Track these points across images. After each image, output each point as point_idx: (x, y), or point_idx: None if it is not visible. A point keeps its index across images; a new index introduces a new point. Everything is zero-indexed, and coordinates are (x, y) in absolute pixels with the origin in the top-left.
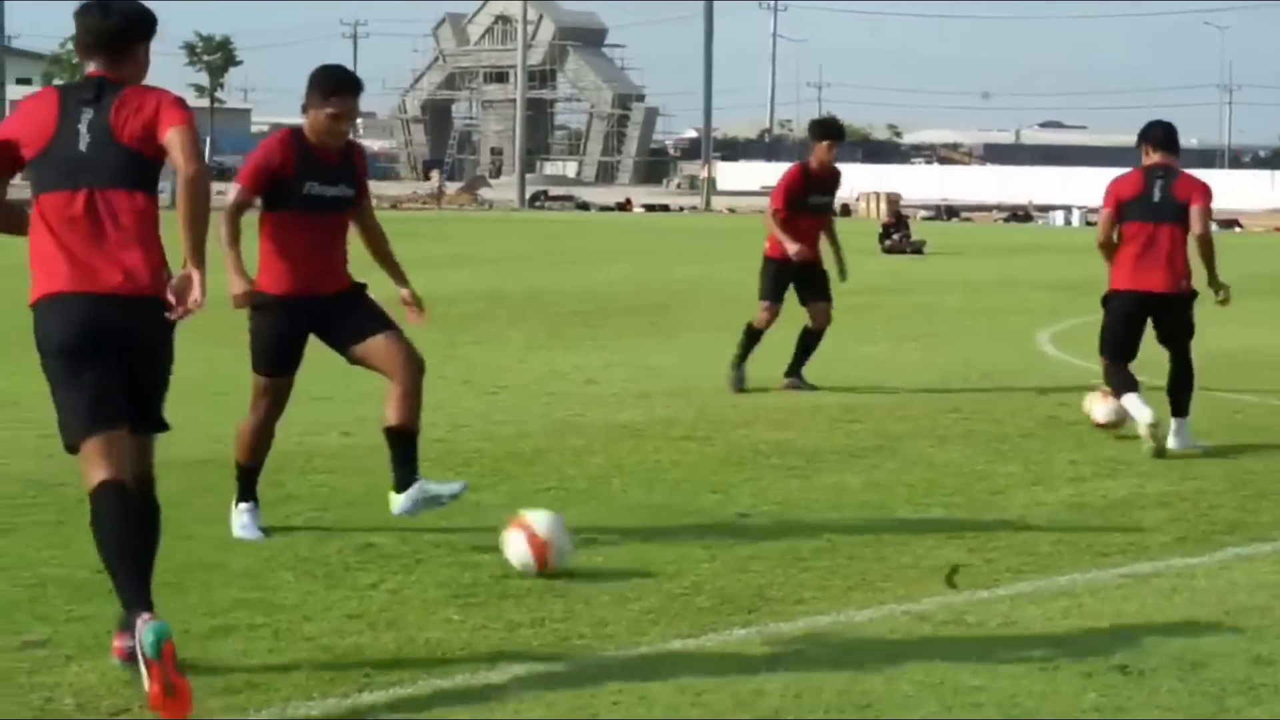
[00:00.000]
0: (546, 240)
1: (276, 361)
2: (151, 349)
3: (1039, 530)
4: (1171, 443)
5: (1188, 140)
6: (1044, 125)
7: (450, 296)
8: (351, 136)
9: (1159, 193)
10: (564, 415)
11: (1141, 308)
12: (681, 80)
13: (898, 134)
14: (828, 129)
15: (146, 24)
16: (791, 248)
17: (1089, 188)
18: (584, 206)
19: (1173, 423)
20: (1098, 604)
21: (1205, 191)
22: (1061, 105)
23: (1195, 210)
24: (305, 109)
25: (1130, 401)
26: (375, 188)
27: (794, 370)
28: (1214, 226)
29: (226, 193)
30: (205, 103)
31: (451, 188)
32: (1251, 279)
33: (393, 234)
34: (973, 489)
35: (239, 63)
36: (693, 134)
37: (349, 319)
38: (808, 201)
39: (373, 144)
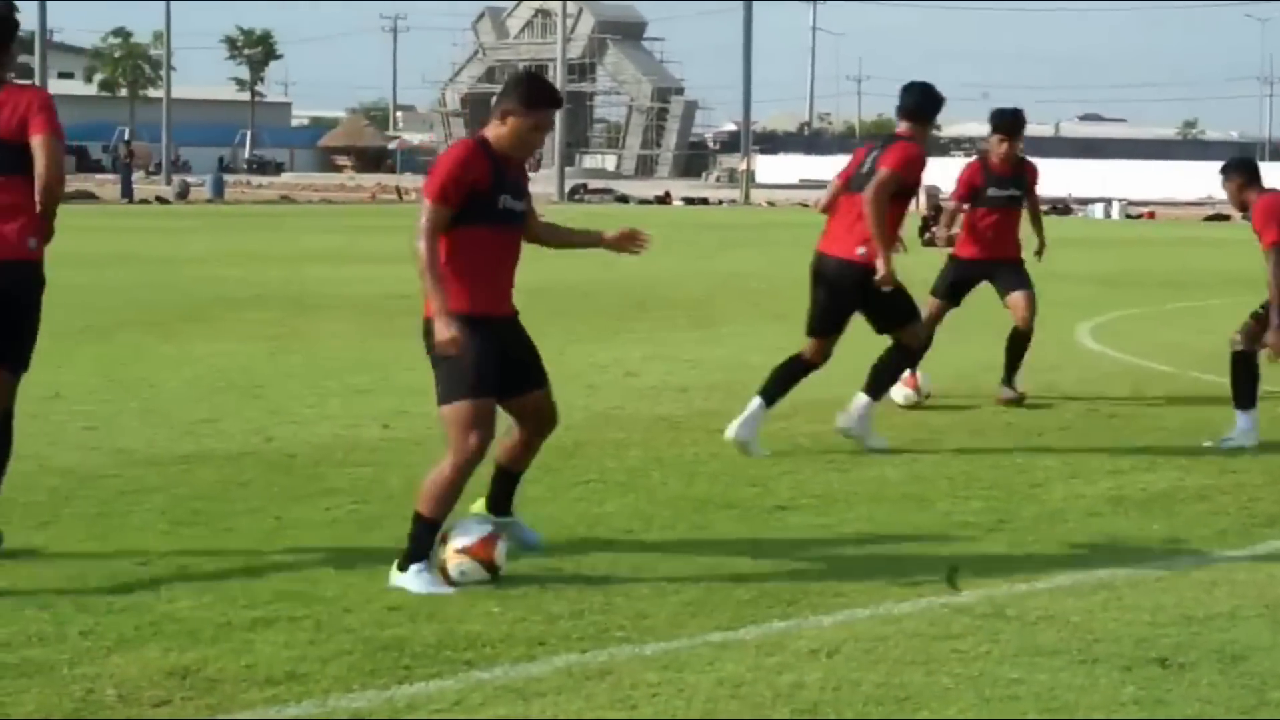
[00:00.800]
0: None
1: (485, 378)
2: (24, 304)
3: (1078, 523)
4: (840, 421)
5: (1228, 133)
6: (1083, 118)
7: None
8: (392, 131)
9: (869, 163)
10: (603, 408)
11: (815, 273)
12: (721, 73)
13: (937, 127)
14: (998, 122)
15: (13, 25)
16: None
17: (1129, 180)
18: (623, 199)
19: (857, 399)
20: (1137, 597)
21: (898, 158)
22: (1101, 98)
23: (878, 172)
24: (504, 116)
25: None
26: (414, 181)
27: (1008, 379)
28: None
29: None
30: (246, 96)
31: None
32: None
33: None
34: (1012, 482)
35: (279, 56)
36: (732, 127)
37: (520, 363)
38: (986, 194)
39: (413, 137)
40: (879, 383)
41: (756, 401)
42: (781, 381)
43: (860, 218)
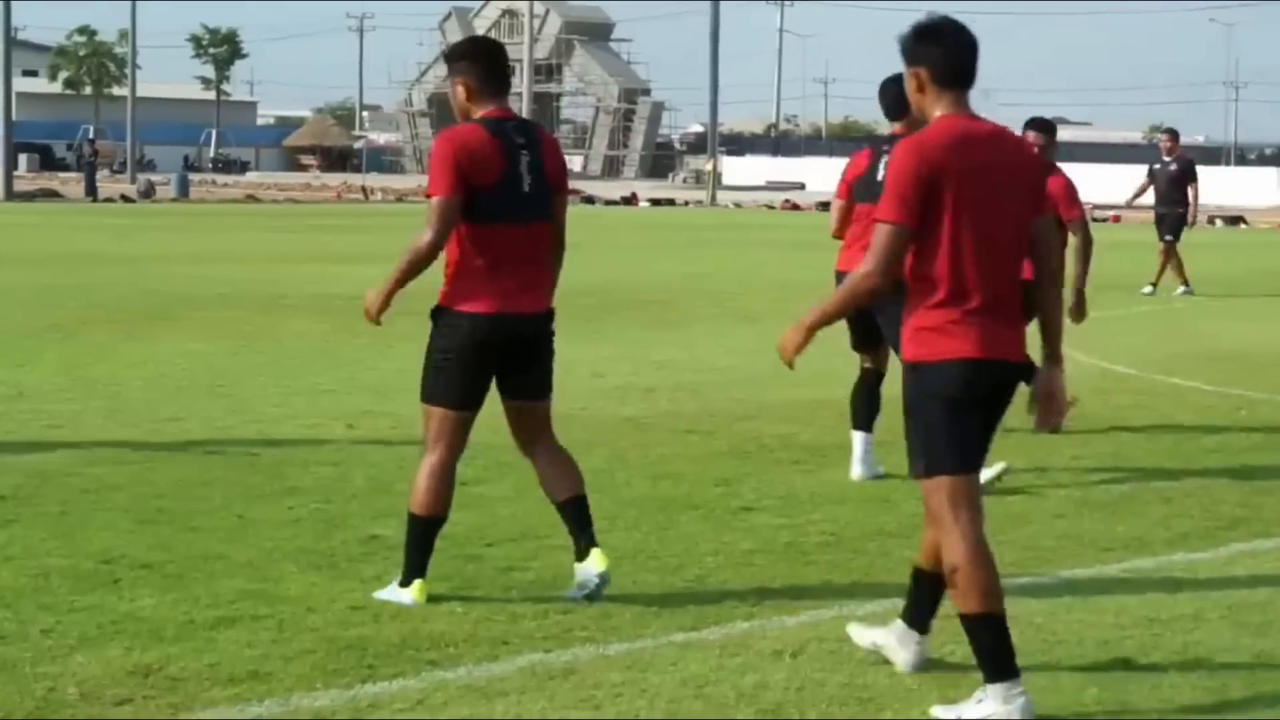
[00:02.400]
0: None
1: None
2: None
3: (1042, 525)
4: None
5: (1193, 137)
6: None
7: None
8: (357, 130)
9: (882, 169)
10: (568, 409)
11: None
12: (688, 75)
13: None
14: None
15: None
16: None
17: (1094, 184)
18: (590, 200)
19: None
20: (1100, 598)
21: None
22: (1066, 101)
23: None
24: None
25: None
26: (380, 181)
27: None
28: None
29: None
30: (211, 95)
31: None
32: (1256, 275)
33: (398, 227)
34: None
35: (245, 55)
36: (699, 128)
37: None
38: None
39: (378, 137)
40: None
41: (860, 436)
42: (867, 404)
43: None
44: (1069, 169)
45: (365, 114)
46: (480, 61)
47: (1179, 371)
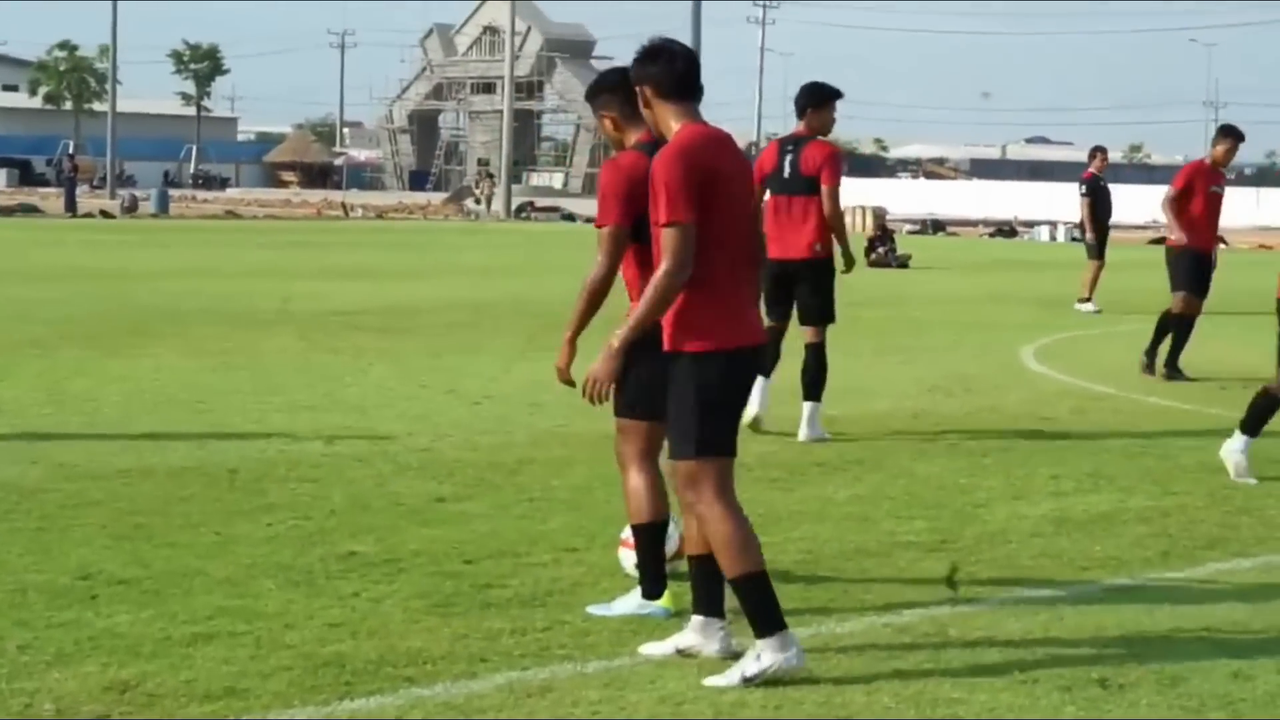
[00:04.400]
0: (532, 250)
1: None
2: None
3: (1020, 543)
4: (802, 433)
5: (1173, 157)
6: (1030, 140)
7: (435, 306)
8: (338, 147)
9: (789, 167)
10: (548, 425)
11: (783, 275)
12: None
13: (884, 148)
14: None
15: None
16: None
17: (1075, 204)
18: (570, 218)
19: (805, 408)
20: (1078, 618)
21: (834, 167)
22: (1047, 121)
23: (825, 191)
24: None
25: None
26: (360, 197)
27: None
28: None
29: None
30: (192, 110)
31: (438, 198)
32: (1236, 296)
33: (377, 244)
34: (955, 502)
35: (226, 71)
36: None
37: None
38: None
39: (359, 154)
40: (813, 385)
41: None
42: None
43: (807, 220)
44: (1050, 188)
45: (346, 130)
46: (619, 92)
47: (1158, 391)
